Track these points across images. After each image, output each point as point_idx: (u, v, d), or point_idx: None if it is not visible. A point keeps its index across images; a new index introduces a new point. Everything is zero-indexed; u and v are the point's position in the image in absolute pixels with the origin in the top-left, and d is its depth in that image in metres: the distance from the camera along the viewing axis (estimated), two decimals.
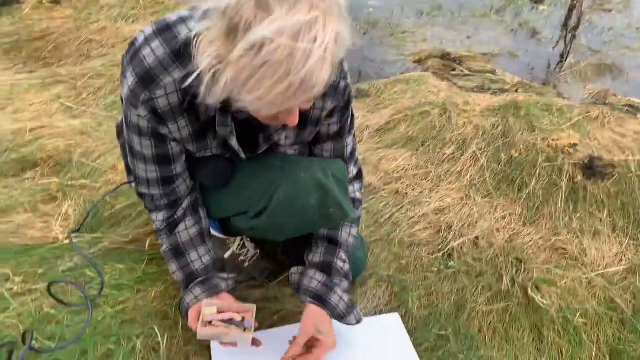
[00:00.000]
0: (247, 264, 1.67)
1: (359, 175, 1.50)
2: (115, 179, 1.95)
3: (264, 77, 0.87)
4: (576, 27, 3.70)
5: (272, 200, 1.32)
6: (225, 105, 1.12)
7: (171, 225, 1.39)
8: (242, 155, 1.31)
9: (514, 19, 4.22)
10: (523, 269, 1.71)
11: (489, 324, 1.53)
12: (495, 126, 2.42)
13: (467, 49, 3.65)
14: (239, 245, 1.67)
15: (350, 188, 1.46)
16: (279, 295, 1.56)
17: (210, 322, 1.32)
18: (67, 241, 1.63)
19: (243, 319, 1.34)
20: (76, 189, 1.88)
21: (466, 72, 3.24)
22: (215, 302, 1.35)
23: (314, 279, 1.38)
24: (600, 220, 2.02)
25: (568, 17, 3.69)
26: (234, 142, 1.25)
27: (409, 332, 1.48)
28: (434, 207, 2.00)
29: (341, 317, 1.37)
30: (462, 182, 2.15)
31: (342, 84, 1.26)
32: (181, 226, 1.39)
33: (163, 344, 1.37)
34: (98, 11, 3.37)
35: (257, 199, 1.35)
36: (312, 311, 1.37)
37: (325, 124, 1.34)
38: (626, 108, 2.84)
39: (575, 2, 3.72)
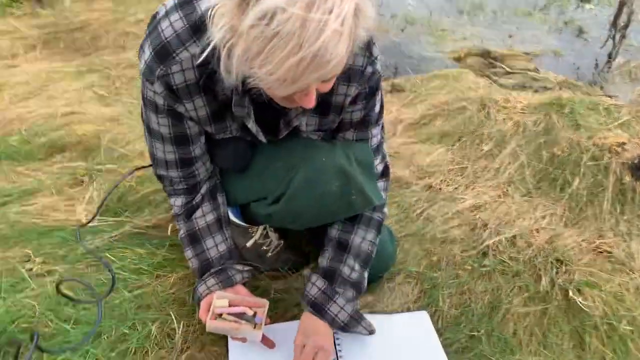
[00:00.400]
0: (269, 254, 1.61)
1: (385, 173, 1.39)
2: (146, 175, 1.92)
3: (274, 50, 0.79)
4: (626, 26, 3.52)
5: (290, 185, 1.25)
6: (242, 85, 1.06)
7: (189, 211, 1.34)
8: (262, 139, 1.24)
9: (559, 17, 4.06)
10: (564, 271, 1.59)
11: (526, 326, 1.42)
12: (537, 123, 2.29)
13: (508, 47, 3.52)
14: (261, 234, 1.62)
15: None
16: (301, 287, 1.48)
17: (220, 315, 1.26)
18: (91, 223, 1.61)
19: (255, 313, 1.28)
20: (103, 173, 1.87)
21: (507, 69, 3.12)
22: (227, 294, 1.29)
23: (315, 286, 1.30)
24: None
25: (617, 15, 3.51)
26: (251, 125, 1.18)
27: (437, 331, 1.39)
28: (470, 204, 1.90)
29: (343, 329, 1.29)
30: (500, 179, 2.04)
31: (370, 69, 1.17)
32: (198, 212, 1.33)
33: (179, 330, 1.31)
34: (136, 4, 3.40)
35: (275, 183, 1.29)
36: (305, 321, 1.29)
37: (349, 111, 1.25)
38: None
39: None
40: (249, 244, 1.59)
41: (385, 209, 1.41)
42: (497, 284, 1.54)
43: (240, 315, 1.27)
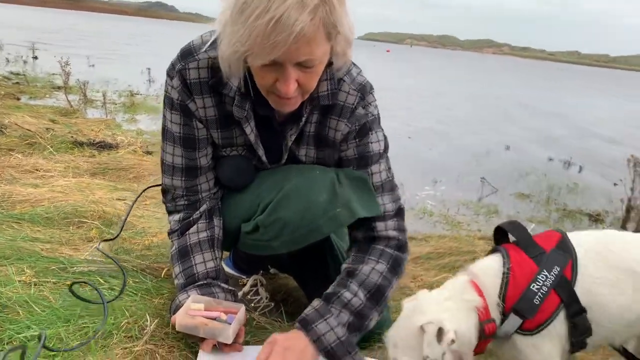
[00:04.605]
0: (257, 312, 1.56)
1: (398, 214, 1.40)
2: (155, 241, 1.98)
3: (249, 14, 1.00)
4: (637, 230, 3.65)
5: (281, 191, 1.30)
6: (244, 86, 1.24)
7: (184, 227, 1.38)
8: (262, 155, 1.35)
9: (573, 228, 4.23)
10: None
11: None
12: None
13: None
14: (251, 289, 1.59)
15: (381, 224, 1.36)
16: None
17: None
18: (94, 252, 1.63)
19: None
20: (115, 239, 1.92)
21: None
22: (204, 298, 1.28)
23: (311, 306, 1.26)
24: None
25: (625, 219, 3.69)
26: (248, 130, 1.31)
27: None
28: None
29: (329, 355, 1.19)
30: None
31: (362, 110, 1.32)
32: (193, 228, 1.38)
33: (150, 325, 1.24)
34: None
35: (268, 192, 1.34)
36: (288, 338, 1.19)
37: (343, 149, 1.36)
38: None
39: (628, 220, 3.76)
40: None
41: (406, 254, 1.39)
42: None
43: (214, 319, 1.22)
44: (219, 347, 1.22)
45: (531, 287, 1.11)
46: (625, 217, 3.92)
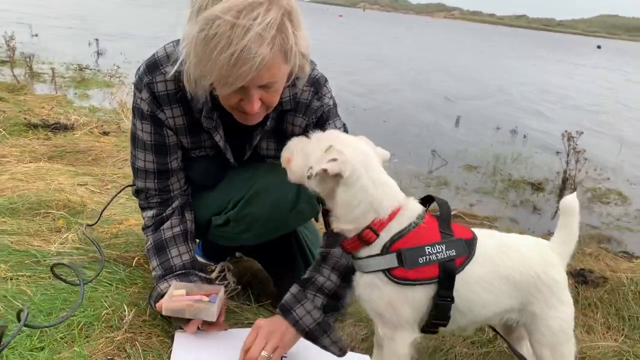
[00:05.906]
0: (226, 296, 1.67)
1: None
2: (122, 228, 2.05)
3: (211, 48, 1.08)
4: None
5: (252, 187, 1.42)
6: (211, 101, 1.33)
7: (158, 222, 1.48)
8: (231, 158, 1.45)
9: (516, 197, 4.52)
10: None
11: None
12: None
13: (469, 211, 3.88)
14: (219, 275, 1.71)
15: None
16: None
17: None
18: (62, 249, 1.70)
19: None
20: (81, 225, 1.99)
21: (466, 220, 3.42)
22: (184, 284, 1.39)
23: (289, 292, 1.37)
24: None
25: (563, 188, 3.98)
26: (217, 137, 1.41)
27: None
28: None
29: (308, 336, 1.30)
30: None
31: (317, 103, 1.43)
32: (167, 224, 1.48)
33: (129, 315, 1.35)
34: None
35: (238, 190, 1.45)
36: (271, 323, 1.30)
37: None
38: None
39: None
40: None
41: None
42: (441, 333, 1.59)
43: (197, 302, 1.34)
44: (202, 328, 1.35)
45: (425, 247, 1.14)
46: (562, 186, 4.22)
